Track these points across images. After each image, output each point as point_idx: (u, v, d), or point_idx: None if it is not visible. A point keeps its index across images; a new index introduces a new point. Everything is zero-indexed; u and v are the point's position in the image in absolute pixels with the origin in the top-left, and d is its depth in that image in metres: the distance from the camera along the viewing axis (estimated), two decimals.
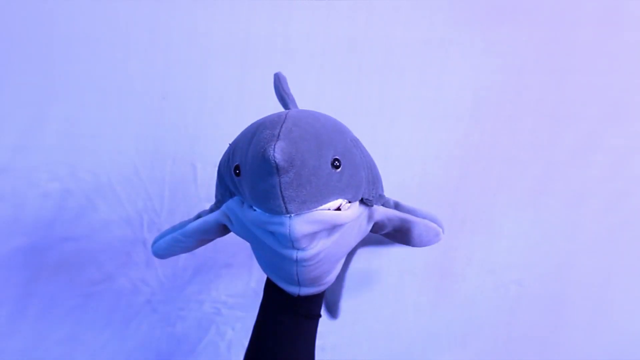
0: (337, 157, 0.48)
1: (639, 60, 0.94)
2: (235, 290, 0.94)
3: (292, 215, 0.46)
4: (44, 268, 0.89)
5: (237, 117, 0.90)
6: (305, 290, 0.57)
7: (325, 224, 0.48)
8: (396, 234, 0.58)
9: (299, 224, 0.47)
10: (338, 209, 0.49)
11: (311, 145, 0.46)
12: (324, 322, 1.02)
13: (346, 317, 0.98)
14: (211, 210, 0.58)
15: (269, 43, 0.90)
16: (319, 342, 0.97)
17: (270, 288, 0.60)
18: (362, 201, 0.53)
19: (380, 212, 0.55)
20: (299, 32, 0.90)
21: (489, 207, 0.97)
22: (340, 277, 0.73)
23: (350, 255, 0.70)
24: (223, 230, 0.59)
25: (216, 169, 0.55)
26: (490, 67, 0.93)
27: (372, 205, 0.54)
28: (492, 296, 0.99)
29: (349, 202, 0.51)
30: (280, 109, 0.59)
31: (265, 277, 0.62)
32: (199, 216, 0.59)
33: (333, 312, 0.76)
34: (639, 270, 0.99)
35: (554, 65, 0.93)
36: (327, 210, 0.48)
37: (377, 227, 0.57)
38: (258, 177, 0.46)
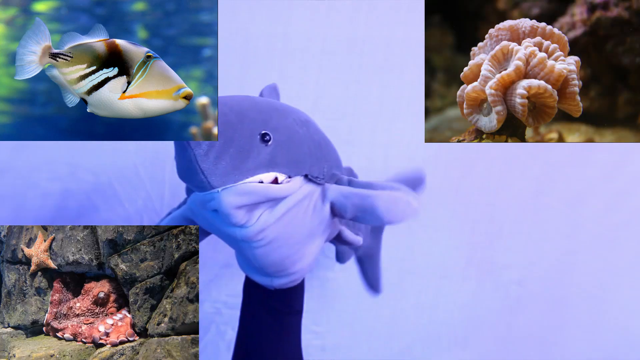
0: (266, 131, 0.49)
1: None
2: (235, 290, 0.93)
3: (220, 189, 0.47)
4: None
5: None
6: (278, 282, 0.56)
7: (256, 196, 0.48)
8: (364, 215, 0.54)
9: (227, 197, 0.47)
10: (276, 183, 0.50)
11: (231, 119, 0.47)
12: (324, 322, 1.02)
13: (346, 317, 0.98)
14: (179, 206, 0.60)
15: (269, 43, 0.90)
16: (318, 342, 0.98)
17: (248, 285, 0.60)
18: (309, 179, 0.52)
19: (333, 189, 0.54)
20: (299, 32, 0.90)
21: (490, 207, 0.97)
22: (375, 256, 0.76)
23: (378, 232, 0.73)
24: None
25: None
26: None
27: (322, 184, 0.53)
28: (492, 296, 0.99)
29: (289, 177, 0.51)
30: None
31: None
32: (169, 214, 0.60)
33: (375, 288, 0.79)
34: (639, 271, 0.99)
35: None
36: (257, 183, 0.48)
37: (338, 209, 0.55)
38: (179, 154, 0.49)
